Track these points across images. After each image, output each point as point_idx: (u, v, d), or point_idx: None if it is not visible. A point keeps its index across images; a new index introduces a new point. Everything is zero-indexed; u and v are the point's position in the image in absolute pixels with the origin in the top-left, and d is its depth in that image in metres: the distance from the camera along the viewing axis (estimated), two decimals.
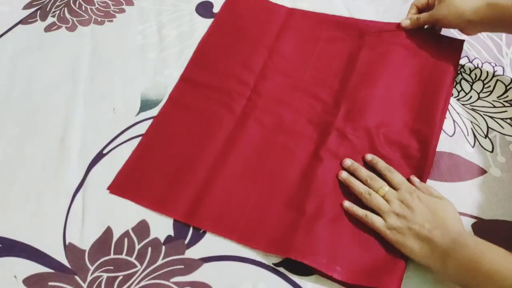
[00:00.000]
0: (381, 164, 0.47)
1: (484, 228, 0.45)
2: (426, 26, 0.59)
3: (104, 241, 0.46)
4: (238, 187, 0.49)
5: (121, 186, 0.50)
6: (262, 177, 0.49)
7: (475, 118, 0.53)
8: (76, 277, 0.44)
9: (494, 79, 0.57)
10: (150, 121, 0.56)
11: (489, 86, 0.56)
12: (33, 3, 0.72)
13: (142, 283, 0.43)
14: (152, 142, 0.53)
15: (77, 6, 0.71)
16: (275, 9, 0.66)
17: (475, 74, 0.58)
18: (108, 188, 0.50)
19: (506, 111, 0.54)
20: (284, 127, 0.53)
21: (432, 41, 0.58)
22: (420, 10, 0.60)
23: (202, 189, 0.49)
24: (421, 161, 0.48)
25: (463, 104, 0.55)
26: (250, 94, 0.56)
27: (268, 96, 0.56)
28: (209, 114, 0.55)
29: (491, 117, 0.54)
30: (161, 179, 0.50)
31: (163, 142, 0.53)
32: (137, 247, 0.46)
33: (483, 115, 0.54)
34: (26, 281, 0.44)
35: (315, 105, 0.55)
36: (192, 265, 0.45)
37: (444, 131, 0.52)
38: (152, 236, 0.47)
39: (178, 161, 0.51)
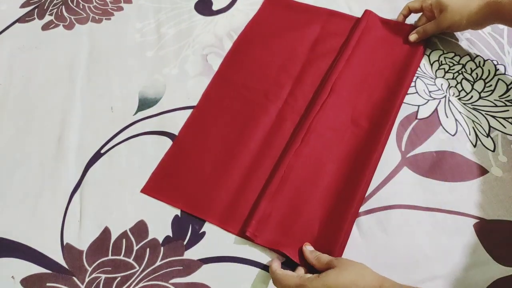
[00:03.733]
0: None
1: (486, 229, 0.45)
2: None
3: (102, 241, 0.46)
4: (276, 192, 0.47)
5: (154, 187, 0.49)
6: (299, 180, 0.48)
7: (477, 118, 0.53)
8: (74, 278, 0.44)
9: (496, 78, 0.57)
10: (148, 120, 0.56)
11: (491, 85, 0.56)
12: (31, 1, 0.72)
13: (140, 284, 0.43)
14: (186, 142, 0.53)
15: (74, 4, 0.71)
16: (314, 11, 0.65)
17: (476, 73, 0.57)
18: (142, 190, 0.49)
19: (507, 110, 0.54)
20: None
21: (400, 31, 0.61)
22: (412, 13, 0.62)
23: (237, 193, 0.48)
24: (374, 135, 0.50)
25: (464, 104, 0.55)
26: (287, 97, 0.56)
27: (305, 100, 0.55)
28: (245, 115, 0.54)
29: (493, 116, 0.53)
30: (196, 181, 0.49)
31: (197, 141, 0.53)
32: (135, 248, 0.45)
33: (484, 115, 0.53)
34: (23, 281, 0.44)
35: (347, 109, 0.54)
36: (191, 266, 0.44)
37: (446, 130, 0.52)
38: (150, 237, 0.46)
39: (213, 162, 0.50)
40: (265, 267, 0.44)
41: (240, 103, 0.56)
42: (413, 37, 0.59)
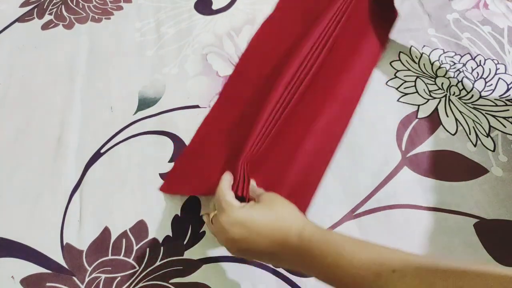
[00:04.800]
0: None
1: (486, 228, 0.45)
2: None
3: (101, 241, 0.46)
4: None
5: (172, 184, 0.49)
6: (304, 151, 0.49)
7: (477, 117, 0.53)
8: (74, 278, 0.44)
9: (496, 77, 0.56)
10: (148, 120, 0.56)
11: (491, 85, 0.56)
12: (30, 1, 0.71)
13: (140, 284, 0.43)
14: (204, 136, 0.53)
15: (74, 3, 0.70)
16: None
17: (477, 72, 0.57)
18: (161, 189, 0.49)
19: (508, 109, 0.53)
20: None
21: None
22: None
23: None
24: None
25: (465, 103, 0.54)
26: (294, 74, 0.53)
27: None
28: (259, 101, 0.52)
29: (493, 116, 0.53)
30: (214, 170, 0.47)
31: (215, 136, 0.52)
32: (135, 247, 0.45)
33: (485, 114, 0.53)
34: (23, 281, 0.44)
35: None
36: (191, 266, 0.44)
37: (446, 129, 0.52)
38: (150, 237, 0.46)
39: (230, 152, 0.49)
40: (265, 267, 0.44)
41: (256, 93, 0.55)
42: None
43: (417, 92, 0.56)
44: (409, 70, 0.58)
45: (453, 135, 0.52)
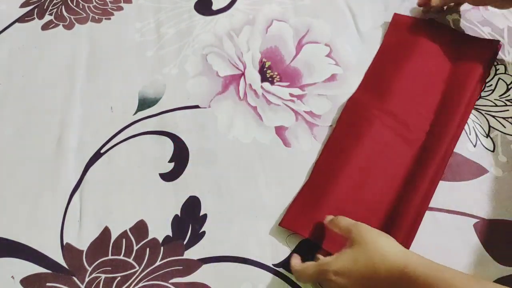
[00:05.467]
0: None
1: (486, 228, 0.45)
2: (445, 7, 0.58)
3: (101, 241, 0.46)
4: None
5: (295, 220, 0.46)
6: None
7: (477, 117, 0.53)
8: (74, 278, 0.44)
9: (496, 77, 0.57)
10: (148, 120, 0.56)
11: (491, 85, 0.56)
12: (30, 1, 0.71)
13: (140, 284, 0.43)
14: (324, 170, 0.49)
15: (74, 4, 0.70)
16: (443, 32, 0.60)
17: None
18: (281, 224, 0.46)
19: (507, 110, 0.54)
20: None
21: (463, 41, 0.58)
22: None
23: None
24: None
25: None
26: (430, 128, 0.51)
27: (451, 132, 0.50)
28: (384, 145, 0.50)
29: (493, 116, 0.53)
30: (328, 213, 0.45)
31: (336, 170, 0.48)
32: (135, 247, 0.45)
33: (485, 114, 0.53)
34: (23, 281, 0.44)
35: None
36: (191, 266, 0.44)
37: None
38: (150, 237, 0.46)
39: (355, 195, 0.47)
40: (265, 267, 0.44)
41: (377, 130, 0.51)
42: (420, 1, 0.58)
43: None
44: None
45: None
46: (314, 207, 0.46)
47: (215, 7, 0.69)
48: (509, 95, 0.55)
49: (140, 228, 0.47)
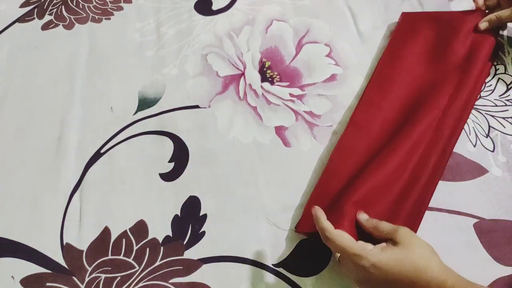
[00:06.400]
0: None
1: (486, 228, 0.45)
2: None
3: (101, 241, 0.46)
4: None
5: (310, 222, 0.44)
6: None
7: (476, 117, 0.53)
8: (74, 278, 0.44)
9: (496, 77, 0.57)
10: (148, 120, 0.56)
11: (491, 85, 0.56)
12: (30, 1, 0.71)
13: (140, 284, 0.43)
14: (336, 171, 0.49)
15: (74, 4, 0.71)
16: (456, 19, 0.57)
17: None
18: (296, 228, 0.45)
19: (507, 110, 0.54)
20: None
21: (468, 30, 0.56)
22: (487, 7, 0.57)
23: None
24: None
25: None
26: (437, 125, 0.50)
27: (459, 130, 0.50)
28: (398, 149, 0.48)
29: (493, 116, 0.53)
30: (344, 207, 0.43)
31: (348, 171, 0.48)
32: (135, 247, 0.45)
33: (484, 114, 0.53)
34: (23, 281, 0.44)
35: None
36: (191, 266, 0.44)
37: None
38: (150, 237, 0.46)
39: (369, 195, 0.45)
40: (265, 267, 0.44)
41: (389, 131, 0.51)
42: (483, 25, 0.54)
43: None
44: None
45: None
46: (329, 208, 0.44)
47: (215, 7, 0.69)
48: (509, 95, 0.55)
49: (140, 228, 0.47)
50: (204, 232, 0.47)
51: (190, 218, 0.48)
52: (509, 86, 0.56)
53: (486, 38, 0.55)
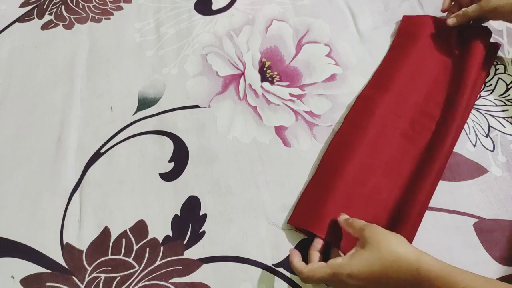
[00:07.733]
0: None
1: (486, 228, 0.45)
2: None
3: (101, 241, 0.46)
4: None
5: (302, 216, 0.46)
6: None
7: (476, 117, 0.53)
8: (74, 277, 0.44)
9: (496, 77, 0.57)
10: (148, 120, 0.56)
11: (491, 85, 0.56)
12: (30, 1, 0.71)
13: (140, 284, 0.43)
14: (330, 167, 0.49)
15: (74, 3, 0.71)
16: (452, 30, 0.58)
17: None
18: (290, 221, 0.46)
19: (507, 110, 0.54)
20: None
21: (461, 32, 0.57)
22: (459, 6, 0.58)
23: None
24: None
25: None
26: (436, 127, 0.51)
27: (452, 131, 0.50)
28: (391, 145, 0.50)
29: (493, 116, 0.53)
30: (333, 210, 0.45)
31: (341, 167, 0.48)
32: (135, 247, 0.45)
33: (484, 114, 0.53)
34: (23, 281, 0.44)
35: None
36: (191, 265, 0.44)
37: None
38: (150, 236, 0.46)
39: (360, 192, 0.47)
40: (265, 267, 0.44)
41: (383, 129, 0.51)
42: (451, 20, 0.55)
43: None
44: None
45: None
46: (320, 204, 0.46)
47: (215, 7, 0.69)
48: (509, 95, 0.55)
49: (140, 228, 0.47)
50: (204, 232, 0.47)
51: (190, 218, 0.48)
52: (509, 86, 0.56)
53: (482, 39, 0.55)
